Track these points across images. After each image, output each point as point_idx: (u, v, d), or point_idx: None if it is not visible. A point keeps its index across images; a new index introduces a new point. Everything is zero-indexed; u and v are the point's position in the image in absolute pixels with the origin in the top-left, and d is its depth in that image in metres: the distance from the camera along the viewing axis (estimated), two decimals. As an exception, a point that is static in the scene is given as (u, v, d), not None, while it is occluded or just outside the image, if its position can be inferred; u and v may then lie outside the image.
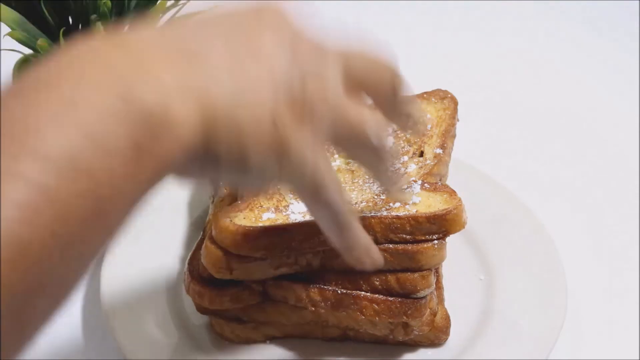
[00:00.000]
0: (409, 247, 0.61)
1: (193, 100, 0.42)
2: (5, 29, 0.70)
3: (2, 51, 0.74)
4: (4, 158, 0.36)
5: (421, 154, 0.67)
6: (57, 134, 0.37)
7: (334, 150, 0.70)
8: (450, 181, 0.68)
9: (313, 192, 0.48)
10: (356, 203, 0.63)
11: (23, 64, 0.76)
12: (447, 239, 0.62)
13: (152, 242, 0.71)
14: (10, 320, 0.36)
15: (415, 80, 0.85)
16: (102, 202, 0.38)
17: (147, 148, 0.40)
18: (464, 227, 0.61)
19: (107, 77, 0.40)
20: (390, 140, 0.69)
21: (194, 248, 0.65)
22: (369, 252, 0.54)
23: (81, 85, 0.39)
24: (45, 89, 0.39)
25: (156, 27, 0.45)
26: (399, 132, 0.69)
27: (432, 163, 0.66)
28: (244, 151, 0.44)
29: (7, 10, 0.70)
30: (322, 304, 0.62)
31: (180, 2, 0.73)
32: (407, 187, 0.63)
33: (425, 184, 0.63)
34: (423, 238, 0.61)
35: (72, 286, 0.40)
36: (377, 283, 0.62)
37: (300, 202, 0.64)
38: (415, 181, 0.64)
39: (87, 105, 0.38)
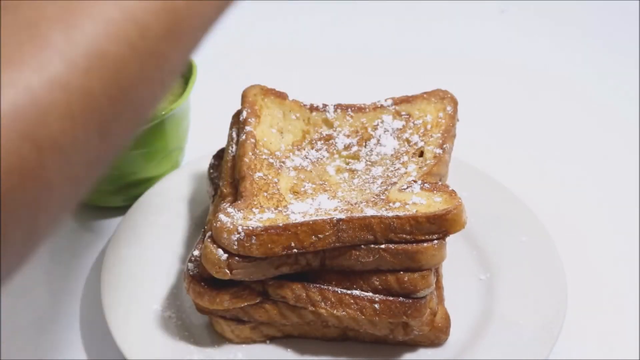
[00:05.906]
0: (409, 247, 0.61)
1: None
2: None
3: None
4: None
5: (421, 154, 0.67)
6: None
7: (334, 150, 0.70)
8: (450, 181, 0.68)
9: None
10: (356, 203, 0.63)
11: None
12: (447, 239, 0.62)
13: (152, 242, 0.71)
14: (98, 131, 0.39)
15: (416, 80, 0.85)
16: (177, 19, 0.42)
17: None
18: (463, 227, 0.61)
19: None
20: (391, 142, 0.69)
21: (193, 248, 0.65)
22: None
23: None
24: None
25: None
26: (399, 132, 0.69)
27: (432, 163, 0.66)
28: None
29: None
30: (322, 303, 0.62)
31: None
32: (407, 187, 0.63)
33: (425, 184, 0.63)
34: (423, 238, 0.61)
35: (150, 106, 0.43)
36: (377, 283, 0.62)
37: (300, 202, 0.64)
38: (415, 181, 0.64)
39: None
